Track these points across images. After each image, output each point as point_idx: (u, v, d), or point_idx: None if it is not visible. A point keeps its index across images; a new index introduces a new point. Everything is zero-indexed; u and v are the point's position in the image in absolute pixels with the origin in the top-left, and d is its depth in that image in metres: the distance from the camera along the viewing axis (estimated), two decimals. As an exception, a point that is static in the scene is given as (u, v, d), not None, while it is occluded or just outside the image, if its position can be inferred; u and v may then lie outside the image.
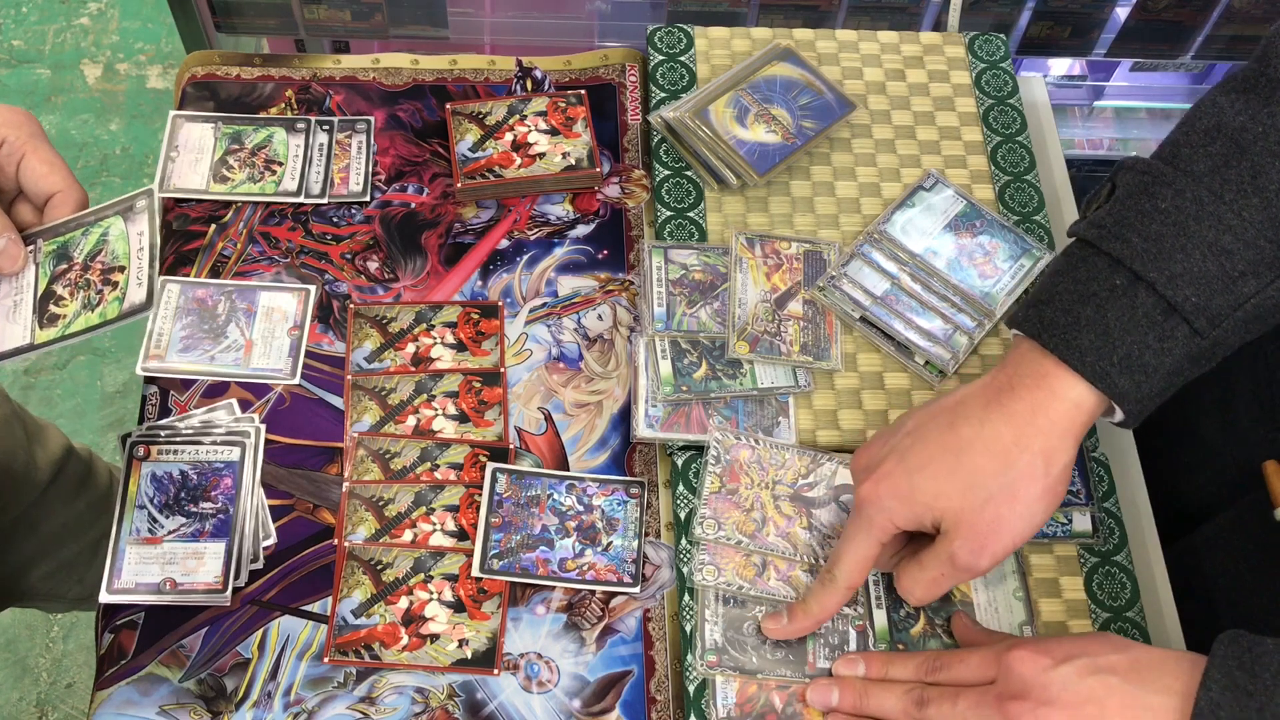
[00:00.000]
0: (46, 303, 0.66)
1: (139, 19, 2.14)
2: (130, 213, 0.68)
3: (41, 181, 0.66)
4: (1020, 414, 0.64)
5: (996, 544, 0.64)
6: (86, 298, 0.66)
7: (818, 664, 0.71)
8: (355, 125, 0.92)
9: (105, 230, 0.67)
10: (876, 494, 0.66)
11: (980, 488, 0.64)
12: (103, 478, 1.15)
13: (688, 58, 0.95)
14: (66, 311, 0.65)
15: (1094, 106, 1.42)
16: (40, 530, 1.04)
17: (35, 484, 1.01)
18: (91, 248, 0.67)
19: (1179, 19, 1.21)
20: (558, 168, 0.90)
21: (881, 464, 0.67)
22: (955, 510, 0.64)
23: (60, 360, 1.82)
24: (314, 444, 0.79)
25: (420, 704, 0.71)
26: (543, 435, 0.81)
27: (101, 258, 0.66)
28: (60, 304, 0.66)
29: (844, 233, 0.88)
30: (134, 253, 0.67)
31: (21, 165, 0.65)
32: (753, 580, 0.73)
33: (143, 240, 0.67)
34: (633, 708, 0.72)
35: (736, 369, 0.81)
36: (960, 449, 0.64)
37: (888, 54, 0.97)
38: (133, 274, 0.66)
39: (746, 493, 0.76)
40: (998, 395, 0.65)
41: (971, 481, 0.64)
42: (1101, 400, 0.64)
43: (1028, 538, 0.65)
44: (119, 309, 0.65)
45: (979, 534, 0.64)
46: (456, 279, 0.86)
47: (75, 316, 0.65)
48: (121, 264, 0.66)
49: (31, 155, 0.65)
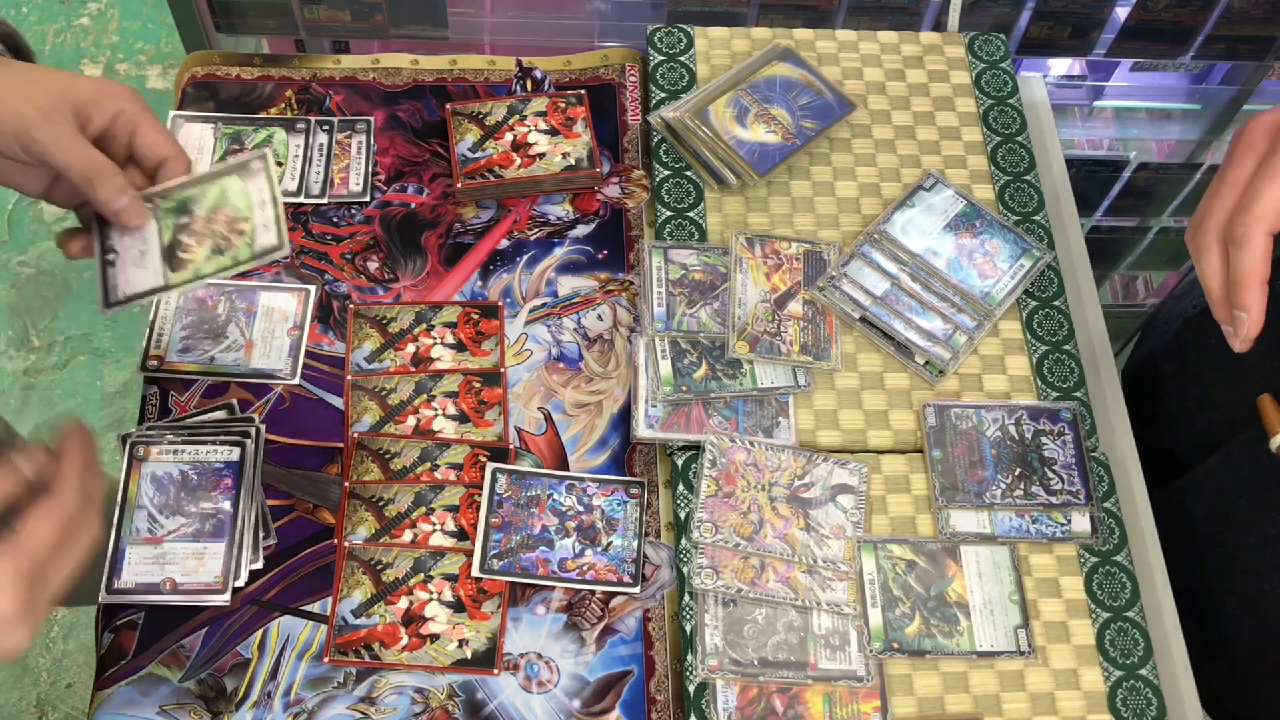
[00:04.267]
0: (173, 251, 0.72)
1: (139, 19, 2.14)
2: (246, 172, 0.73)
3: (155, 148, 0.71)
4: None
5: None
6: (215, 244, 0.71)
7: (819, 665, 0.71)
8: (355, 125, 0.92)
9: (224, 188, 0.73)
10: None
11: None
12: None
13: (688, 58, 0.95)
14: (195, 257, 0.71)
15: (1094, 106, 1.42)
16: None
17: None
18: (213, 202, 0.72)
19: (1179, 19, 1.21)
20: (558, 168, 0.90)
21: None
22: None
23: (60, 360, 1.82)
24: (314, 444, 0.79)
25: (420, 704, 0.71)
26: (543, 435, 0.81)
27: (225, 211, 0.72)
28: (188, 251, 0.71)
29: (844, 233, 0.88)
30: (255, 206, 0.72)
31: (137, 134, 0.71)
32: (751, 583, 0.73)
33: (263, 194, 0.73)
34: (633, 708, 0.72)
35: (736, 369, 0.81)
36: None
37: (888, 54, 0.97)
38: (259, 223, 0.72)
39: (743, 495, 0.76)
40: None
41: None
42: None
43: None
44: (250, 251, 0.71)
45: None
46: (456, 279, 0.86)
47: (205, 260, 0.71)
48: (245, 215, 0.72)
49: (145, 125, 0.71)
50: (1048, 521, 0.77)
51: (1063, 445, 0.79)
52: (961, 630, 0.73)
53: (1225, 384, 0.86)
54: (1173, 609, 0.79)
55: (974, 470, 0.78)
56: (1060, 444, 0.79)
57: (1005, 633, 0.74)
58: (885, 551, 0.75)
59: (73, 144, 0.68)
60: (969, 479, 0.78)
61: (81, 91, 0.69)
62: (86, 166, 0.68)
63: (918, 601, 0.74)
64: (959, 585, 0.75)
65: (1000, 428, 0.80)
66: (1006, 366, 0.83)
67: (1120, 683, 0.73)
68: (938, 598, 0.74)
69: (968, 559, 0.76)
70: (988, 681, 0.73)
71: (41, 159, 0.68)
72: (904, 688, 0.72)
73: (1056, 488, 0.78)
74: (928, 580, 0.75)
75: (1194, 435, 0.88)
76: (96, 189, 0.69)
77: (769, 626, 0.72)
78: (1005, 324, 0.85)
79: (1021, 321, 0.85)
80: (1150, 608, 0.77)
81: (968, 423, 0.80)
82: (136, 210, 0.71)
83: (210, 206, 0.72)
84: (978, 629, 0.74)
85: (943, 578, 0.75)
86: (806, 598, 0.73)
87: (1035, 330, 0.85)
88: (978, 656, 0.73)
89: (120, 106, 0.70)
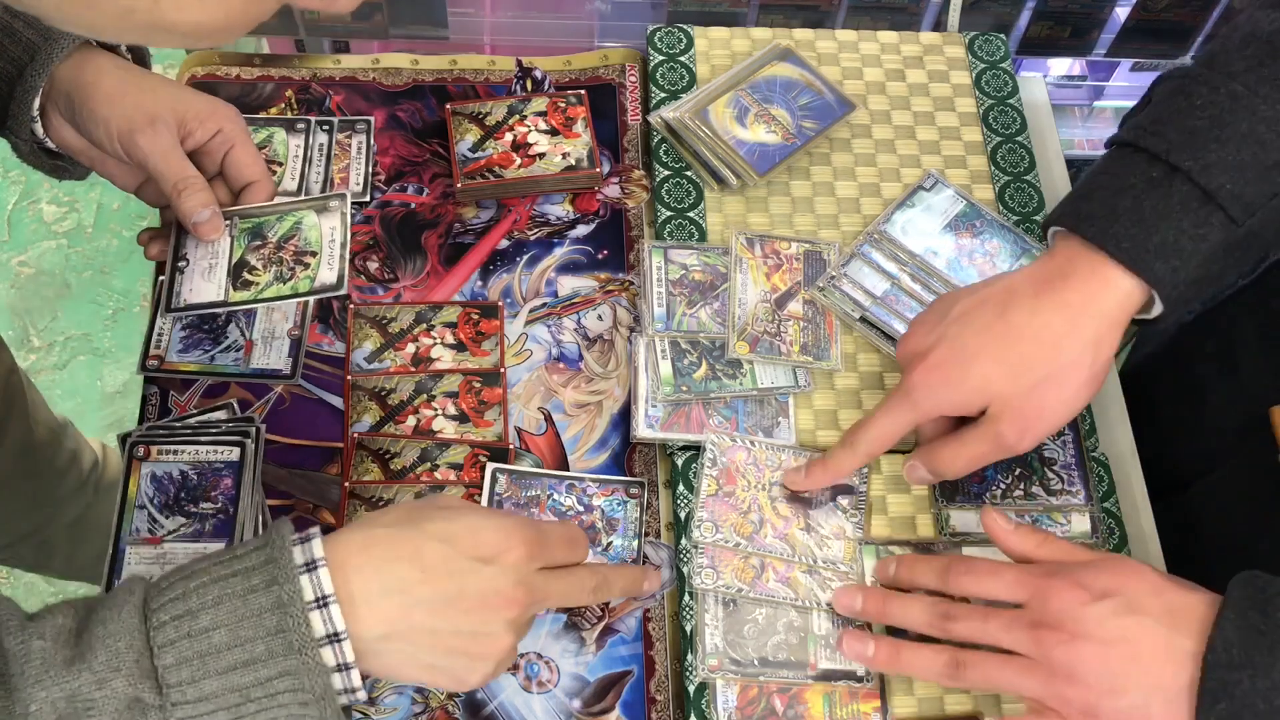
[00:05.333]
0: (240, 270, 0.75)
1: (139, 19, 2.14)
2: (324, 210, 0.77)
3: (245, 170, 0.76)
4: (1073, 304, 0.66)
5: (1040, 426, 0.68)
6: (279, 271, 0.75)
7: (819, 665, 0.71)
8: (355, 125, 0.92)
9: (299, 220, 0.76)
10: (928, 381, 0.69)
11: (1030, 374, 0.66)
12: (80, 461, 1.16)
13: (688, 58, 0.95)
14: (259, 280, 0.75)
15: (1094, 106, 1.42)
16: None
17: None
18: (286, 232, 0.76)
19: (1179, 19, 1.21)
20: (558, 168, 0.90)
21: (932, 351, 0.69)
22: (1004, 395, 0.67)
23: (60, 360, 1.82)
24: (314, 444, 0.79)
25: (420, 704, 0.71)
26: (543, 435, 0.81)
27: (295, 241, 0.75)
28: (253, 273, 0.75)
29: (844, 233, 0.88)
30: (325, 242, 0.76)
31: (230, 154, 0.75)
32: (751, 582, 0.73)
33: (334, 234, 0.76)
34: (633, 708, 0.72)
35: (736, 369, 0.81)
36: (1011, 336, 0.67)
37: (888, 54, 0.97)
38: (324, 259, 0.75)
39: (743, 495, 0.76)
40: (1049, 285, 0.68)
41: (1022, 368, 0.67)
42: (1144, 291, 0.66)
43: (1067, 421, 0.69)
44: (310, 285, 0.74)
45: (1025, 417, 0.67)
46: (456, 279, 0.86)
47: (268, 285, 0.75)
48: (313, 249, 0.75)
49: (240, 146, 0.76)
50: (1048, 522, 0.77)
51: (1062, 445, 0.79)
52: None
53: (1223, 390, 0.86)
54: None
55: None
56: (1060, 444, 0.79)
57: None
58: (887, 554, 0.75)
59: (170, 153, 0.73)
60: (969, 479, 0.78)
61: (189, 106, 0.74)
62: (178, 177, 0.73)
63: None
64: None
65: (1000, 428, 0.80)
66: (1006, 366, 0.83)
67: (1120, 683, 0.73)
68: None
69: None
70: (988, 681, 0.73)
71: (140, 162, 0.73)
72: (904, 688, 0.72)
73: (1056, 488, 0.78)
74: None
75: (1194, 443, 0.88)
76: (183, 200, 0.73)
77: (769, 626, 0.72)
78: (1005, 324, 0.85)
79: (1021, 321, 0.85)
80: (1150, 608, 0.77)
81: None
82: (214, 225, 0.74)
83: (283, 235, 0.76)
84: None
85: None
86: (807, 598, 0.73)
87: (1035, 330, 0.85)
88: None
89: (222, 125, 0.75)
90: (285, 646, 0.53)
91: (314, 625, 0.54)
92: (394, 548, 0.58)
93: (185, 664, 0.53)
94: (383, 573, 0.57)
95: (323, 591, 0.54)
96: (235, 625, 0.53)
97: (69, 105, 0.73)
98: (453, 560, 0.58)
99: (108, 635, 0.53)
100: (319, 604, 0.54)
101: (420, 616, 0.57)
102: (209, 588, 0.54)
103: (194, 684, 0.52)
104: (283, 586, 0.54)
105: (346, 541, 0.57)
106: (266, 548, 0.55)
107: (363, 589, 0.56)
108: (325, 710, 0.54)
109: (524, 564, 0.60)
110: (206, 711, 0.53)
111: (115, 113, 0.71)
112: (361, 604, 0.56)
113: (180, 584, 0.55)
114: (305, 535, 0.56)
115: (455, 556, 0.58)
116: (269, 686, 0.53)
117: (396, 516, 0.60)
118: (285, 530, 0.56)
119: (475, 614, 0.58)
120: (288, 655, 0.53)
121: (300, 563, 0.55)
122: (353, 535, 0.58)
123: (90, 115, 0.72)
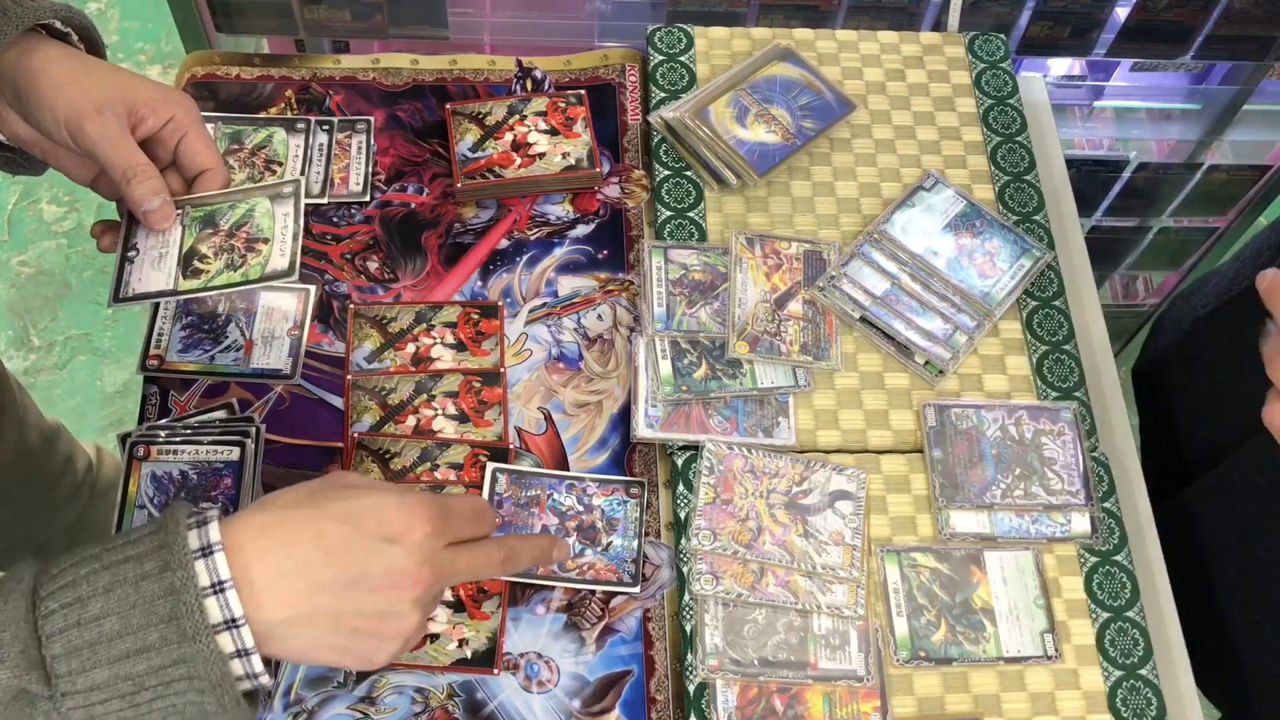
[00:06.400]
0: (190, 259, 0.74)
1: (139, 19, 2.14)
2: (278, 196, 0.76)
3: (198, 158, 0.74)
4: None
5: None
6: (230, 259, 0.73)
7: (819, 665, 0.71)
8: (355, 125, 0.92)
9: (252, 207, 0.75)
10: None
11: None
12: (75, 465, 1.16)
13: (688, 58, 0.95)
14: (209, 268, 0.73)
15: (1094, 106, 1.42)
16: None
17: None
18: (238, 219, 0.75)
19: (1179, 19, 1.21)
20: (558, 168, 0.90)
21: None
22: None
23: (60, 360, 1.82)
24: (314, 444, 0.79)
25: (420, 704, 0.71)
26: (543, 435, 0.81)
27: (247, 229, 0.74)
28: (204, 261, 0.74)
29: (844, 233, 0.88)
30: (278, 229, 0.74)
31: (182, 141, 0.74)
32: (751, 587, 0.73)
33: (287, 220, 0.75)
34: (633, 708, 0.72)
35: (736, 369, 0.81)
36: None
37: (888, 54, 0.97)
38: (276, 245, 0.74)
39: (741, 502, 0.76)
40: None
41: None
42: None
43: None
44: (261, 271, 0.73)
45: None
46: (456, 279, 0.86)
47: (218, 273, 0.73)
48: (266, 236, 0.74)
49: (192, 134, 0.74)
50: (1048, 522, 0.77)
51: (1063, 445, 0.79)
52: (988, 637, 0.73)
53: (1241, 384, 0.85)
54: (1173, 609, 0.79)
55: (974, 470, 0.78)
56: (1060, 444, 0.79)
57: (1032, 638, 0.73)
58: (909, 560, 0.75)
59: (119, 141, 0.71)
60: (969, 479, 0.78)
61: (139, 93, 0.72)
62: (126, 165, 0.71)
63: (943, 609, 0.74)
64: (984, 591, 0.75)
65: (1000, 428, 0.80)
66: (1006, 366, 0.83)
67: (1120, 683, 0.73)
68: (963, 604, 0.74)
69: (991, 565, 0.76)
70: (988, 681, 0.73)
71: (88, 150, 0.71)
72: (904, 688, 0.72)
73: (1056, 488, 0.78)
74: (952, 587, 0.75)
75: (1209, 438, 0.87)
76: (132, 188, 0.71)
77: (769, 626, 0.72)
78: (1005, 324, 0.85)
79: (1021, 321, 0.85)
80: (1150, 608, 0.77)
81: (968, 423, 0.80)
82: (165, 214, 0.73)
83: (235, 222, 0.74)
84: (1004, 635, 0.73)
85: (967, 584, 0.75)
86: (807, 601, 0.73)
87: (1035, 330, 0.85)
88: (1005, 663, 0.73)
89: (174, 113, 0.73)
90: (178, 634, 0.52)
91: (209, 611, 0.52)
92: (295, 529, 0.56)
93: (75, 653, 0.51)
94: (283, 556, 0.55)
95: (219, 577, 0.53)
96: (126, 613, 0.52)
97: (15, 94, 0.71)
98: (356, 541, 0.56)
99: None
100: (215, 589, 0.53)
101: (324, 599, 0.55)
102: (99, 574, 0.53)
103: (84, 673, 0.51)
104: (175, 573, 0.52)
105: (245, 524, 0.56)
106: (159, 533, 0.54)
107: (262, 573, 0.54)
108: (224, 696, 0.53)
109: (429, 541, 0.58)
110: (99, 700, 0.52)
111: (62, 100, 0.70)
112: (262, 588, 0.54)
113: (70, 570, 0.53)
114: (202, 519, 0.55)
115: (358, 537, 0.56)
116: (163, 675, 0.52)
117: (296, 497, 0.58)
118: (180, 514, 0.55)
119: (381, 594, 0.57)
120: (181, 643, 0.52)
121: (195, 548, 0.53)
122: (252, 518, 0.56)
123: (37, 103, 0.70)
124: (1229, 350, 0.88)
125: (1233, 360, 0.87)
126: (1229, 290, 0.88)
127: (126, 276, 0.74)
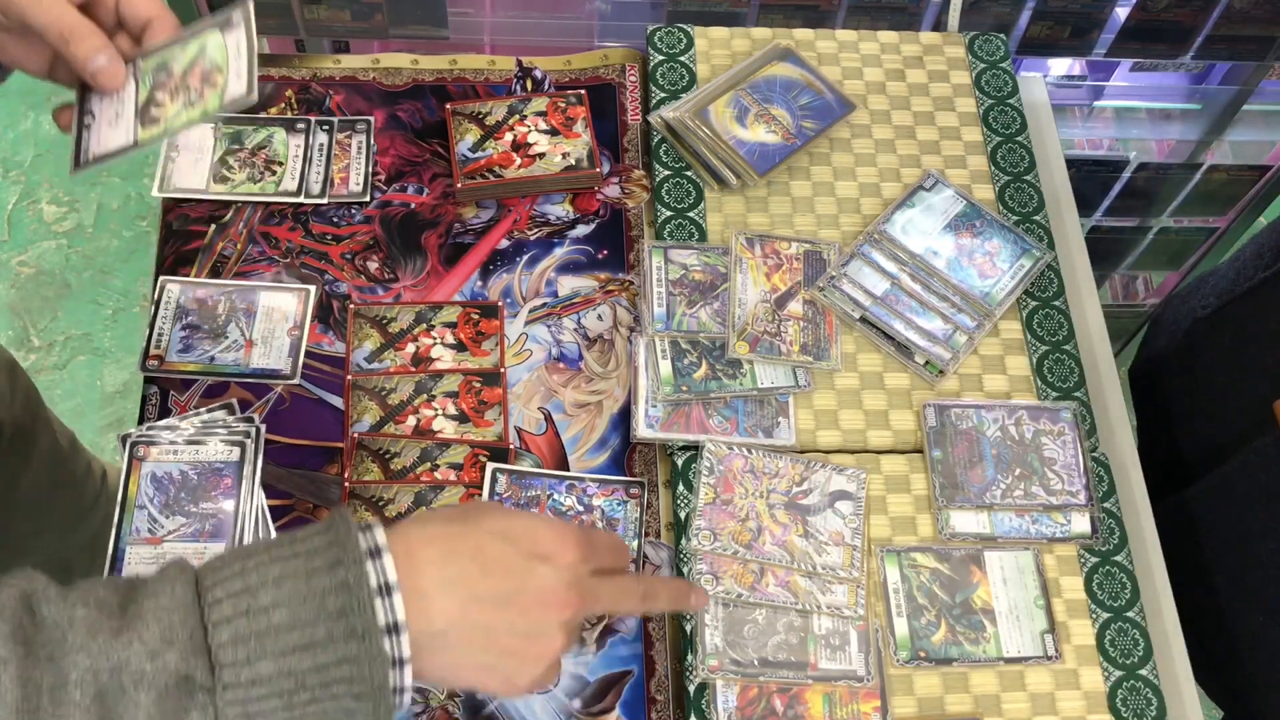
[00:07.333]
0: (146, 110, 0.70)
1: (139, 19, 2.14)
2: (228, 26, 0.71)
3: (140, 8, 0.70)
4: None
5: None
6: (186, 98, 0.69)
7: (819, 665, 0.71)
8: (355, 125, 0.92)
9: (203, 44, 0.71)
10: None
11: None
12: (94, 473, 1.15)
13: (688, 58, 0.95)
14: (165, 113, 0.69)
15: (1094, 106, 1.42)
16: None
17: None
18: (190, 59, 0.70)
19: (1179, 19, 1.21)
20: (558, 168, 0.90)
21: None
22: None
23: (60, 360, 1.82)
24: (314, 444, 0.79)
25: (420, 704, 0.71)
26: (543, 435, 0.81)
27: (200, 65, 0.70)
28: (159, 107, 0.70)
29: (844, 233, 0.88)
30: (231, 57, 0.70)
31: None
32: (751, 587, 0.73)
33: (240, 45, 0.70)
34: (633, 708, 0.72)
35: (736, 369, 0.81)
36: None
37: (888, 54, 0.97)
38: (231, 73, 0.69)
39: (741, 503, 0.76)
40: None
41: None
42: None
43: None
44: (219, 101, 0.69)
45: None
46: (456, 279, 0.86)
47: (175, 115, 0.69)
48: (220, 67, 0.70)
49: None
50: (1048, 522, 0.77)
51: (1063, 445, 0.79)
52: (988, 637, 0.73)
53: (1242, 384, 0.85)
54: (1173, 609, 0.79)
55: (974, 470, 0.78)
56: (1060, 444, 0.79)
57: (1032, 638, 0.73)
58: (909, 560, 0.75)
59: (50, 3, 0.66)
60: (969, 479, 0.78)
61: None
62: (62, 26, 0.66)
63: (943, 609, 0.74)
64: (984, 592, 0.75)
65: (1000, 428, 0.80)
66: (1006, 366, 0.83)
67: (1120, 683, 0.73)
68: (963, 605, 0.74)
69: (991, 565, 0.76)
70: (988, 681, 0.73)
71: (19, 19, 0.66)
72: (904, 688, 0.72)
73: (1056, 488, 0.78)
74: (953, 588, 0.75)
75: (1207, 438, 0.87)
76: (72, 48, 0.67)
77: (769, 627, 0.72)
78: (1005, 324, 0.85)
79: (1021, 321, 0.85)
80: (1150, 608, 0.77)
81: (968, 423, 0.80)
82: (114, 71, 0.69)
83: (188, 63, 0.70)
84: (1004, 635, 0.74)
85: (968, 584, 0.75)
86: (807, 601, 0.73)
87: (1035, 330, 0.85)
88: (1005, 663, 0.73)
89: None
90: (346, 631, 0.50)
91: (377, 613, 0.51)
92: (455, 542, 0.56)
93: (241, 642, 0.50)
94: (445, 566, 0.55)
95: (387, 579, 0.52)
96: (296, 606, 0.50)
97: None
98: (512, 558, 0.56)
99: (159, 609, 0.49)
100: (382, 592, 0.52)
101: (478, 614, 0.55)
102: (269, 566, 0.51)
103: (249, 665, 0.50)
104: (348, 569, 0.51)
105: (408, 533, 0.55)
106: (330, 530, 0.53)
107: (426, 581, 0.54)
108: (379, 707, 0.52)
109: (579, 565, 0.58)
110: (257, 696, 0.50)
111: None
112: (425, 596, 0.54)
113: (237, 562, 0.52)
114: (366, 523, 0.54)
115: (514, 554, 0.56)
116: (325, 674, 0.51)
117: (452, 514, 0.58)
118: (348, 515, 0.54)
119: (532, 614, 0.56)
120: (348, 640, 0.50)
121: (365, 549, 0.53)
122: (412, 528, 0.56)
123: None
124: (1229, 350, 0.88)
125: (1233, 360, 0.87)
126: (1229, 291, 0.88)
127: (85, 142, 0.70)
